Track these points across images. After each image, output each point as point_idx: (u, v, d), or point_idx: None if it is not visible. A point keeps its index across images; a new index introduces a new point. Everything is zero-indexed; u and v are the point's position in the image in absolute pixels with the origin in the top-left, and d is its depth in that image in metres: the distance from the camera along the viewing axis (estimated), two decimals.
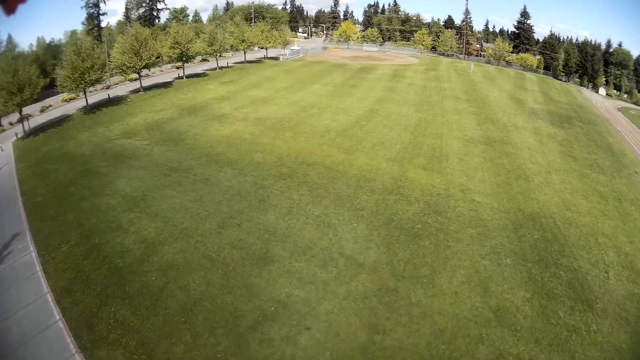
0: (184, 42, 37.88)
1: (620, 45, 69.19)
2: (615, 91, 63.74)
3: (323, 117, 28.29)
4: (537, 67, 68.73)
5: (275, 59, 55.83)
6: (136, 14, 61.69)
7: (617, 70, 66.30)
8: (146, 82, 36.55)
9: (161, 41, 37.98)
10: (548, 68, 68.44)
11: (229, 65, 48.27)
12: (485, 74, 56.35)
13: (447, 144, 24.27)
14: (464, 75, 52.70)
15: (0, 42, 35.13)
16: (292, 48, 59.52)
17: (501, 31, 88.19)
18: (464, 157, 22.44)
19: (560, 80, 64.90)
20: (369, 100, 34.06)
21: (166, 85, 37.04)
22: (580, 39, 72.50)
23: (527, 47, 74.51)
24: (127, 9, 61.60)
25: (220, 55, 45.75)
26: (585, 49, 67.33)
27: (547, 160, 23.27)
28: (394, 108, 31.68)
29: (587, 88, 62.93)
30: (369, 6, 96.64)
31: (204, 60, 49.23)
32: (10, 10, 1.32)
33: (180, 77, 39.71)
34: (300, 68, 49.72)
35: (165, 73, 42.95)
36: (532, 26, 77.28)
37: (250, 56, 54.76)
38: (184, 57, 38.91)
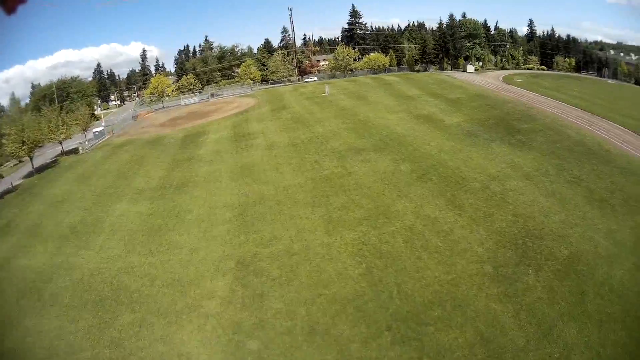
0: None
1: (464, 15, 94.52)
2: (478, 63, 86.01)
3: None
4: (390, 65, 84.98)
5: (76, 151, 52.46)
6: None
7: (470, 42, 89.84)
8: None
9: None
10: (400, 63, 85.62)
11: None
12: (346, 92, 63.31)
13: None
14: (326, 103, 56.83)
15: None
16: (95, 130, 59.96)
17: (330, 40, 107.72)
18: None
19: (419, 71, 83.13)
20: (219, 218, 27.93)
21: None
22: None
23: (367, 46, 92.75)
24: None
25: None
26: (442, 31, 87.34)
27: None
28: (274, 225, 26.58)
29: (456, 69, 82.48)
30: (179, 52, 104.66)
31: None
32: (10, 10, 1.79)
33: None
34: (100, 165, 44.37)
35: None
36: (365, 24, 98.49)
37: (49, 154, 51.55)
38: None
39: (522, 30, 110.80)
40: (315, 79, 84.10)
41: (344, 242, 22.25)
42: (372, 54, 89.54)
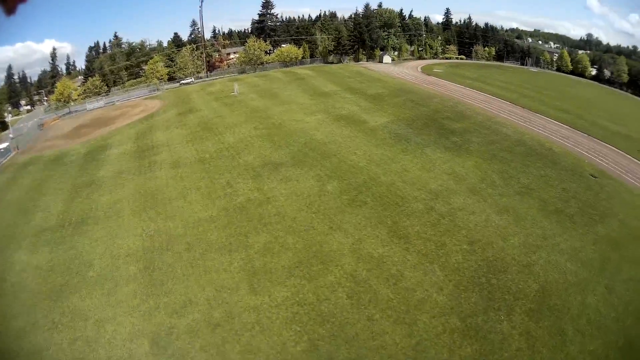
0: None
1: (380, 5, 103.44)
2: (395, 53, 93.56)
3: None
4: (303, 57, 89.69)
5: None
6: None
7: (385, 32, 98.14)
8: None
9: None
10: (313, 55, 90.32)
11: None
12: (257, 90, 64.51)
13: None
14: (236, 104, 57.05)
15: None
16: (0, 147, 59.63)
17: (240, 32, 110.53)
18: None
19: (334, 62, 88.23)
20: (123, 273, 25.32)
21: None
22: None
23: (279, 38, 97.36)
24: None
25: None
26: (358, 21, 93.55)
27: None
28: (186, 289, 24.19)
29: (372, 60, 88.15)
30: (90, 49, 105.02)
31: None
32: (10, 10, 2.07)
33: None
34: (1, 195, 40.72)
35: None
36: (276, 15, 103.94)
37: None
38: None
39: (435, 18, 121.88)
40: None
41: (275, 304, 19.58)
42: (284, 46, 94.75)
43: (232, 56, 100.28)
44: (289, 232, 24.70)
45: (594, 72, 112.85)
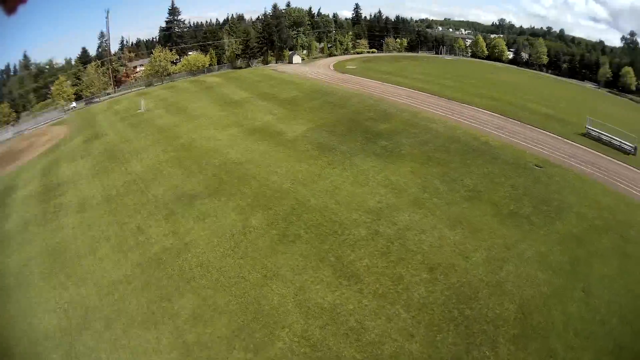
0: None
1: (288, 4, 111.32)
2: (304, 52, 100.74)
3: None
4: (211, 64, 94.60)
5: None
6: None
7: (294, 31, 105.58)
8: None
9: None
10: (221, 60, 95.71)
11: None
12: (164, 105, 65.18)
13: None
14: (142, 123, 56.68)
15: None
16: None
17: (148, 42, 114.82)
18: None
19: (242, 67, 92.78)
20: None
21: None
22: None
23: (186, 45, 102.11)
24: None
25: None
26: (267, 22, 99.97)
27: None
28: None
29: (281, 61, 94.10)
30: (1, 73, 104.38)
31: None
32: (10, 10, 2.22)
33: None
34: None
35: None
36: (183, 21, 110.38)
37: None
38: None
39: (344, 14, 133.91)
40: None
41: None
42: (191, 53, 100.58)
43: (139, 69, 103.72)
44: (218, 289, 22.18)
45: (510, 55, 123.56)
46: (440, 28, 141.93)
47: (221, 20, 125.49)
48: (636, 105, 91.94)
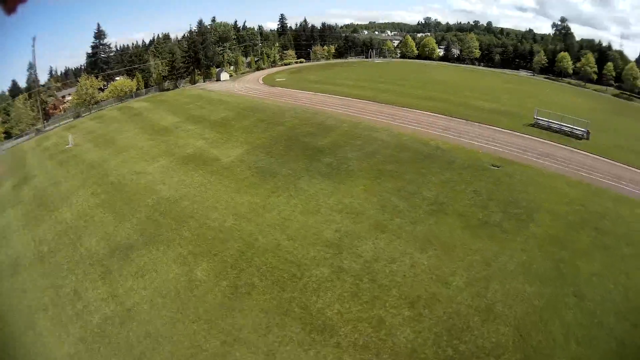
0: None
1: (213, 19, 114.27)
2: (231, 68, 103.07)
3: None
4: (138, 88, 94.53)
5: None
6: None
7: (220, 46, 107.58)
8: None
9: None
10: (148, 84, 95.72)
11: None
12: (92, 137, 62.15)
13: None
14: (71, 161, 53.21)
15: None
16: None
17: (76, 69, 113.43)
18: None
19: (169, 89, 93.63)
20: None
21: None
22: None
23: (113, 70, 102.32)
24: None
25: None
26: (192, 39, 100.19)
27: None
28: None
29: (209, 80, 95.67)
30: None
31: None
32: (10, 9, 2.36)
33: None
34: None
35: None
36: (109, 44, 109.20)
37: None
38: None
39: (268, 26, 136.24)
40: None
41: None
42: (118, 79, 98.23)
43: (67, 98, 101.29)
44: None
45: (441, 53, 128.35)
46: (366, 32, 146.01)
47: (147, 41, 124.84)
48: (575, 89, 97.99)
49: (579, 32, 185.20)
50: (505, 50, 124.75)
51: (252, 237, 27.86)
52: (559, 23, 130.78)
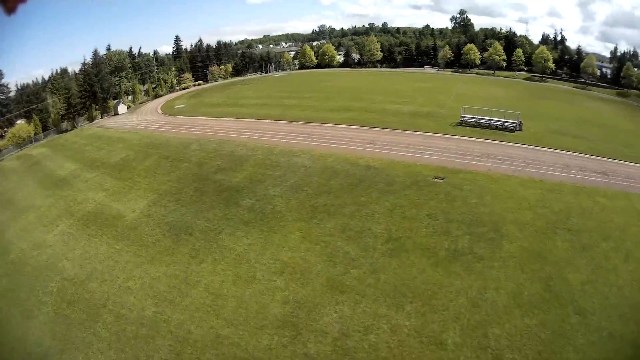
0: None
1: (109, 48, 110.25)
2: (129, 99, 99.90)
3: None
4: (36, 133, 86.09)
5: None
6: None
7: (116, 77, 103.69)
8: None
9: None
10: (47, 125, 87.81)
11: None
12: None
13: None
14: None
15: None
16: None
17: None
18: None
19: (68, 130, 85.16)
20: None
21: None
22: None
23: (12, 114, 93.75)
24: None
25: None
26: (87, 72, 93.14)
27: None
28: None
29: (107, 114, 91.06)
30: None
31: None
32: (10, 9, 2.33)
33: None
34: None
35: None
36: (7, 84, 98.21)
37: None
38: None
39: (164, 50, 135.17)
40: None
41: None
42: (19, 122, 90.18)
43: None
44: None
45: (341, 59, 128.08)
46: (261, 46, 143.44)
47: (47, 78, 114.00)
48: (486, 78, 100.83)
49: (478, 21, 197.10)
50: (407, 49, 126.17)
51: (182, 329, 21.90)
52: (459, 16, 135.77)
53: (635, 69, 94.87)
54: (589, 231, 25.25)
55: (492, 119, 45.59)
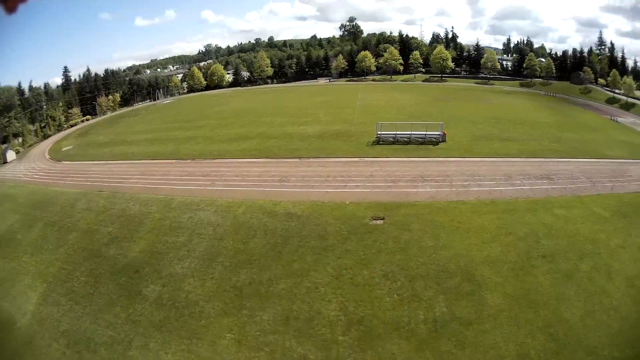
0: None
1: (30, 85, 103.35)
2: (18, 142, 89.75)
3: None
4: None
5: None
6: None
7: (5, 117, 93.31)
8: None
9: None
10: None
11: None
12: None
13: None
14: None
15: None
16: None
17: None
18: None
19: None
20: None
21: None
22: None
23: None
24: None
25: None
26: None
27: None
28: None
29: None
30: None
31: None
32: (11, 9, 2.21)
33: None
34: None
35: None
36: None
37: None
38: None
39: (55, 82, 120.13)
40: None
41: None
42: None
43: None
44: None
45: (231, 78, 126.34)
46: (149, 71, 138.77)
47: None
48: (384, 84, 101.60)
49: (366, 27, 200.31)
50: (298, 62, 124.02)
51: None
52: (348, 23, 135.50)
53: (537, 59, 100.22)
54: (563, 253, 23.70)
55: (413, 132, 42.30)
